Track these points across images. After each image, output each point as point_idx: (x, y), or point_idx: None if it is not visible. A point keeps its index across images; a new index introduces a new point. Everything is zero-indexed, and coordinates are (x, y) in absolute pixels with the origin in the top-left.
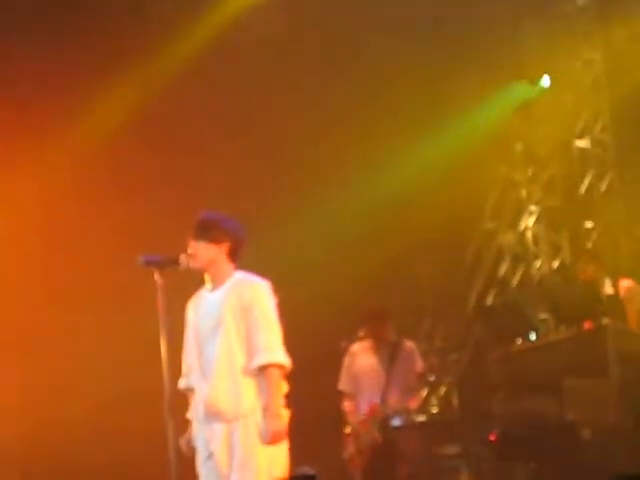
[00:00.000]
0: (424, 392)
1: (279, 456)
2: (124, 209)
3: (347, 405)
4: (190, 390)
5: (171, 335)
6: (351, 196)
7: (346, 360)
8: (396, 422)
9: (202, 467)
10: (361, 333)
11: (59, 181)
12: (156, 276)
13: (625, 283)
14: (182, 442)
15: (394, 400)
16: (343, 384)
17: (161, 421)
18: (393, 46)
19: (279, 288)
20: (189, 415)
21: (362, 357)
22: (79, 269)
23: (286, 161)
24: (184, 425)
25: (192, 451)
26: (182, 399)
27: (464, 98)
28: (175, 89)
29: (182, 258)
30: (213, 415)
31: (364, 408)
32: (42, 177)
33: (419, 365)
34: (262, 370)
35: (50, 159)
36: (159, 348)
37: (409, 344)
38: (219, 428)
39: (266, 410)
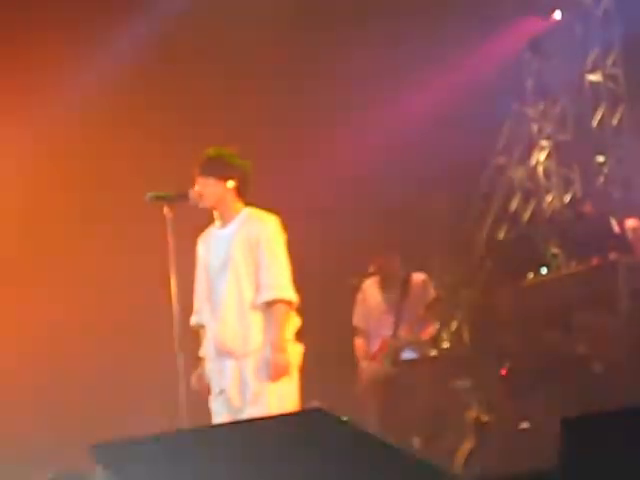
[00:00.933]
0: (436, 323)
1: (290, 391)
2: (132, 146)
3: (358, 341)
4: (201, 327)
5: (181, 271)
6: (362, 132)
7: (359, 296)
8: (407, 355)
9: (214, 402)
10: (371, 269)
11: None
12: (165, 210)
13: (632, 223)
14: (193, 378)
15: (405, 332)
16: (356, 320)
17: (172, 357)
18: None
19: (289, 224)
20: (201, 352)
21: (373, 293)
22: (90, 205)
23: (296, 95)
24: (195, 362)
25: (203, 387)
26: (193, 335)
27: (475, 33)
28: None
29: (191, 193)
30: (223, 352)
31: (376, 344)
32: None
33: (430, 295)
34: (269, 306)
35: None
36: (169, 284)
37: (420, 276)
38: (230, 364)
39: (272, 345)
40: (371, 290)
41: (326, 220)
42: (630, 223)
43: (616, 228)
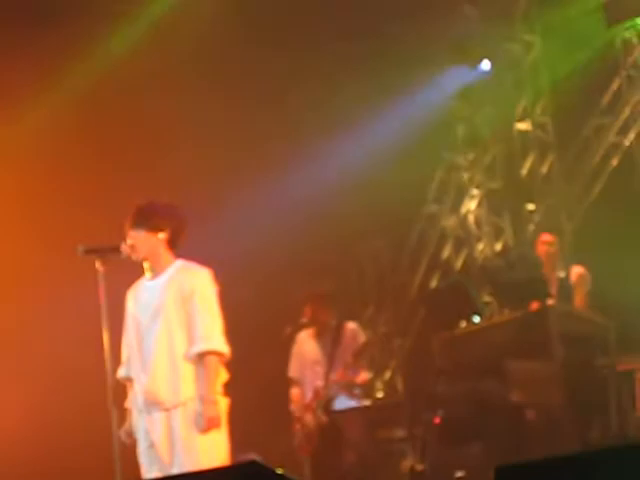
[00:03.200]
0: (368, 369)
1: (219, 443)
2: (63, 198)
3: (294, 392)
4: (129, 379)
5: (113, 324)
6: (291, 182)
7: (294, 348)
8: (340, 403)
9: (143, 457)
10: (304, 319)
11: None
12: (97, 264)
13: (577, 269)
14: (121, 432)
15: (337, 378)
16: (292, 371)
17: (104, 411)
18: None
19: (219, 276)
20: (127, 404)
21: (307, 344)
22: (20, 259)
23: (222, 148)
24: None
25: (132, 441)
26: (125, 389)
27: (405, 83)
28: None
29: (123, 246)
30: (152, 404)
31: (310, 394)
32: None
33: (361, 341)
34: (201, 358)
35: None
36: (101, 337)
37: (351, 325)
38: (159, 417)
39: (202, 397)
40: (305, 341)
41: (258, 269)
42: (576, 270)
43: (562, 272)
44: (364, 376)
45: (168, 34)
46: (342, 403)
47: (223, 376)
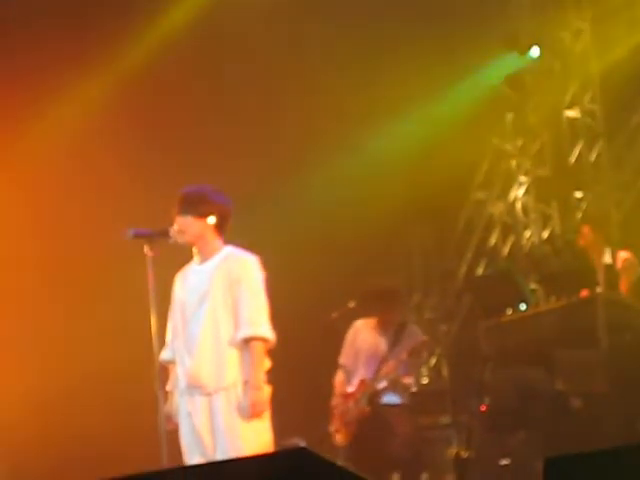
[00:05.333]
0: (420, 370)
1: (262, 430)
2: (114, 182)
3: (339, 378)
4: (172, 362)
5: (161, 308)
6: (338, 166)
7: (349, 335)
8: (386, 399)
9: (185, 441)
10: (351, 305)
11: (48, 155)
12: (146, 249)
13: (623, 254)
14: (161, 415)
15: (386, 373)
16: (344, 358)
17: (150, 395)
18: (385, 18)
19: (267, 261)
20: (169, 387)
21: (366, 334)
22: (70, 244)
23: (272, 133)
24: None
25: (172, 424)
26: (167, 372)
27: (455, 69)
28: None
29: (171, 230)
30: (195, 387)
31: (356, 383)
32: (29, 152)
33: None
34: (246, 343)
35: (36, 133)
36: (149, 321)
37: (414, 327)
38: (200, 400)
39: (247, 382)
40: (363, 331)
41: (301, 256)
42: (622, 255)
43: (608, 258)
44: (409, 380)
45: (211, 20)
46: (388, 399)
47: (267, 363)
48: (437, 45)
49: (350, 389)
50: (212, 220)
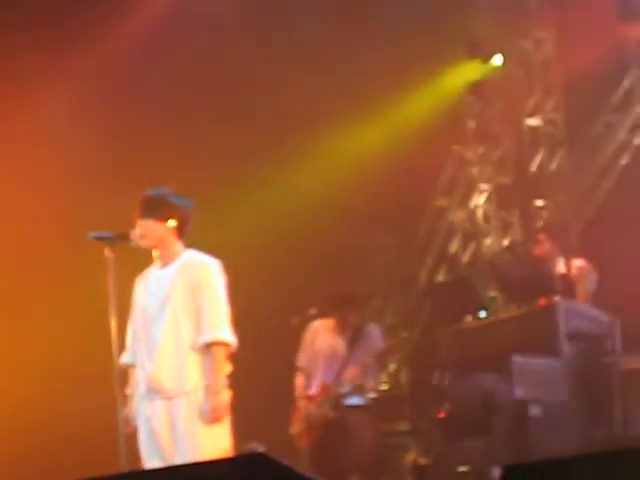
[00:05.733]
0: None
1: (222, 434)
2: (74, 185)
3: (299, 380)
4: (131, 366)
5: (122, 311)
6: (301, 171)
7: (307, 336)
8: (350, 401)
9: (144, 445)
10: (312, 311)
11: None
12: (107, 252)
13: (577, 262)
14: (119, 418)
15: (351, 377)
16: (302, 360)
17: (108, 398)
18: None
19: (228, 265)
20: (128, 391)
21: (324, 336)
22: (30, 246)
23: (237, 134)
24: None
25: (131, 428)
26: (126, 376)
27: (417, 76)
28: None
29: (132, 234)
30: (155, 391)
31: (317, 386)
32: None
33: (379, 345)
34: (207, 348)
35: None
36: (109, 324)
37: (373, 327)
38: (160, 405)
39: (208, 387)
40: (320, 332)
41: (264, 260)
42: (577, 263)
43: (562, 267)
44: (374, 383)
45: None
46: (352, 401)
47: (228, 368)
48: (399, 52)
49: (311, 391)
50: (173, 223)
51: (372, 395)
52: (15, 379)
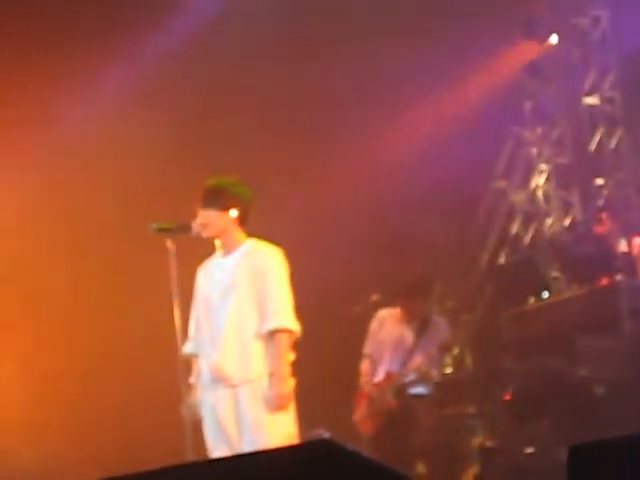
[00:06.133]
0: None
1: (288, 422)
2: (135, 177)
3: (365, 367)
4: (194, 355)
5: (184, 301)
6: (361, 158)
7: (373, 325)
8: (414, 390)
9: (210, 434)
10: (374, 297)
11: (68, 150)
12: (168, 243)
13: (638, 240)
14: (183, 407)
15: (415, 368)
16: (368, 348)
17: (174, 387)
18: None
19: (290, 253)
20: (191, 380)
21: (390, 325)
22: (93, 239)
23: (295, 129)
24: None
25: (194, 416)
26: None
27: (474, 57)
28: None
29: (194, 225)
30: (219, 380)
31: (382, 373)
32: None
33: (445, 336)
34: (271, 335)
35: (57, 127)
36: (172, 314)
37: (440, 319)
38: (224, 393)
39: (273, 375)
40: (387, 321)
41: (324, 247)
42: (637, 240)
43: (624, 246)
44: (438, 373)
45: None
46: (416, 390)
47: (292, 355)
48: (456, 33)
49: (376, 379)
50: (235, 213)
51: (437, 380)
52: (84, 374)
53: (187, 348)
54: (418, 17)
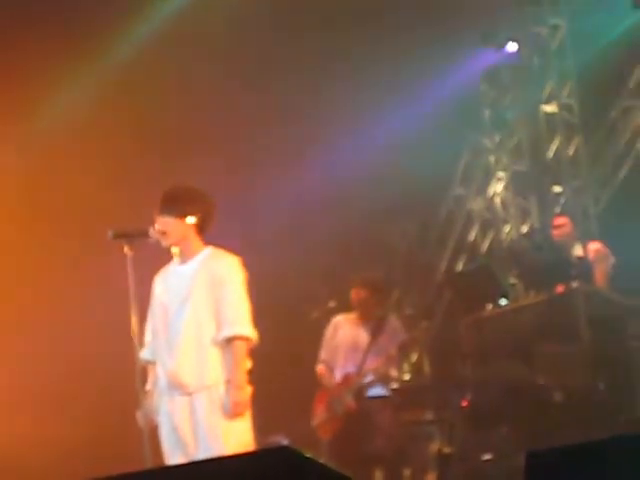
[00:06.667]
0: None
1: (243, 428)
2: (92, 183)
3: (322, 372)
4: (151, 362)
5: (141, 307)
6: (321, 164)
7: (328, 331)
8: (372, 392)
9: (166, 441)
10: (332, 304)
11: (30, 157)
12: (125, 249)
13: (594, 245)
14: (139, 414)
15: (373, 368)
16: (324, 354)
17: (130, 394)
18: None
19: (247, 261)
20: (148, 387)
21: (345, 329)
22: (49, 244)
23: (249, 132)
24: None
25: (149, 423)
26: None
27: (432, 65)
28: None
29: (151, 231)
30: (176, 387)
31: (339, 377)
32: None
33: (401, 336)
34: (228, 342)
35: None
36: (129, 321)
37: (395, 320)
38: (181, 400)
39: (229, 382)
40: (344, 326)
41: (282, 254)
42: (592, 246)
43: (580, 251)
44: (397, 373)
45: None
46: (375, 391)
47: (249, 362)
48: (415, 41)
49: (334, 382)
50: (193, 220)
51: (395, 386)
52: (38, 377)
53: (143, 355)
54: (376, 25)
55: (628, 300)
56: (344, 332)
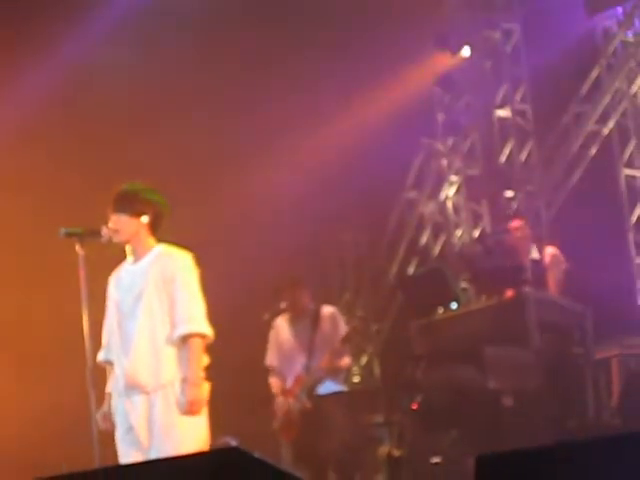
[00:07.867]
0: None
1: (200, 427)
2: (44, 181)
3: (273, 380)
4: (109, 363)
5: (93, 307)
6: (270, 166)
7: (271, 334)
8: (323, 389)
9: (121, 441)
10: (282, 305)
11: None
12: (77, 248)
13: (550, 250)
14: (98, 416)
15: (321, 364)
16: (269, 359)
17: (83, 395)
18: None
19: (199, 258)
20: (108, 389)
21: (284, 329)
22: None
23: (203, 133)
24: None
25: (109, 425)
26: (104, 372)
27: (385, 69)
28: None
29: (104, 230)
30: (133, 387)
31: (290, 380)
32: None
33: (342, 328)
34: (184, 340)
35: None
36: (81, 320)
37: (329, 309)
38: (139, 400)
39: (185, 380)
40: (282, 327)
41: (233, 254)
42: (549, 250)
43: (535, 254)
44: (347, 361)
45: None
46: (327, 388)
47: (205, 359)
48: (368, 45)
49: (287, 386)
50: (146, 219)
51: (345, 388)
52: None
53: (101, 356)
54: (327, 29)
55: (577, 306)
56: (284, 334)
